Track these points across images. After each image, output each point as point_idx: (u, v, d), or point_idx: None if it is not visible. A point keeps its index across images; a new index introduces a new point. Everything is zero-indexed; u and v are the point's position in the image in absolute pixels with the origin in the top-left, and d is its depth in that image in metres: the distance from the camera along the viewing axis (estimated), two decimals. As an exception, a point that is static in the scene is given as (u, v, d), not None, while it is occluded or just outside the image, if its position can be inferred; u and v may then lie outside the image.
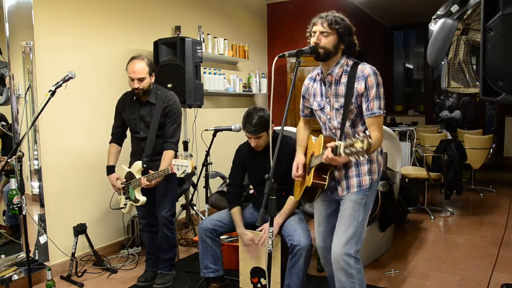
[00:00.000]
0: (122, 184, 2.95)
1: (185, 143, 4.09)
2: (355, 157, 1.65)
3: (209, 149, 3.21)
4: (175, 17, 4.39)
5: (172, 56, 3.87)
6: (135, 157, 2.95)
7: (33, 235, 3.05)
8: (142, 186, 2.79)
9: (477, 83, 2.78)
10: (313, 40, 2.00)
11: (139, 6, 3.97)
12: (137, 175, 2.86)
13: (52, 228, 3.19)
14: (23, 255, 2.98)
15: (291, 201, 2.62)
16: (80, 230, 3.28)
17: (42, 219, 3.11)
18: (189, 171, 2.59)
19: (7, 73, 2.96)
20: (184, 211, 4.25)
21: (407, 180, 5.15)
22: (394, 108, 9.21)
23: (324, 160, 1.85)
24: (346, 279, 2.03)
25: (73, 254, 3.21)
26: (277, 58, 1.87)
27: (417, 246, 3.80)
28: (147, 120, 2.87)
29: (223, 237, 3.16)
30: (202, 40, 4.49)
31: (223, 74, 4.98)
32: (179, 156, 2.63)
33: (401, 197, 3.98)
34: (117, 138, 3.03)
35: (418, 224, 4.48)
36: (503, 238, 3.56)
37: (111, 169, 2.98)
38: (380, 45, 8.49)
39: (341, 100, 2.03)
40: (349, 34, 2.01)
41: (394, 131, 5.57)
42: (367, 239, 2.12)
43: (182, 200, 4.06)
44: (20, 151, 2.79)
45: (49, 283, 2.80)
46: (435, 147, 5.12)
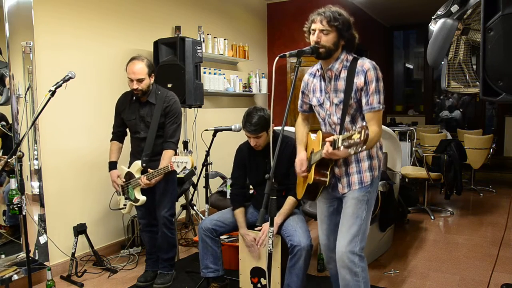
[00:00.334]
0: (122, 182, 2.94)
1: (185, 143, 4.09)
2: (354, 149, 1.63)
3: (209, 149, 3.21)
4: (175, 17, 4.39)
5: (172, 56, 3.86)
6: (135, 157, 2.94)
7: (33, 235, 3.05)
8: (142, 185, 2.79)
9: (477, 83, 2.78)
10: (312, 38, 1.98)
11: (139, 6, 3.97)
12: (136, 175, 2.85)
13: (52, 228, 3.19)
14: (23, 255, 2.98)
15: (290, 201, 2.62)
16: (80, 230, 3.28)
17: (42, 219, 3.11)
18: (189, 167, 2.58)
19: (7, 73, 2.96)
20: (184, 211, 4.25)
21: (407, 180, 5.15)
22: (394, 108, 9.21)
23: (323, 155, 1.85)
24: (350, 277, 2.02)
25: (73, 254, 3.21)
26: (278, 58, 1.87)
27: (417, 246, 3.80)
28: (147, 120, 2.87)
29: (223, 237, 3.16)
30: (202, 40, 4.49)
31: (223, 74, 4.98)
32: (179, 153, 2.62)
33: (401, 197, 3.98)
34: (118, 136, 3.04)
35: (418, 224, 4.48)
36: (503, 238, 3.56)
37: (113, 165, 2.98)
38: (380, 45, 8.49)
39: (341, 95, 2.02)
40: (348, 28, 2.00)
41: (394, 131, 5.57)
42: (367, 239, 2.11)
43: (182, 200, 4.06)
44: (20, 151, 2.79)
45: (49, 283, 2.79)
46: (435, 147, 5.12)
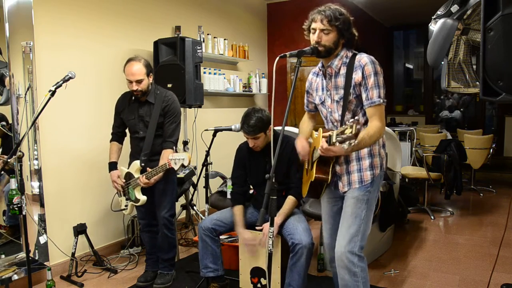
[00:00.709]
0: (122, 183, 2.94)
1: (185, 143, 4.09)
2: (346, 144, 1.63)
3: (209, 149, 3.21)
4: (175, 17, 4.39)
5: (172, 56, 3.87)
6: (134, 157, 2.94)
7: (33, 235, 3.05)
8: (141, 184, 2.79)
9: (477, 83, 2.78)
10: (313, 38, 1.98)
11: (139, 6, 3.97)
12: (135, 175, 2.85)
13: (52, 228, 3.19)
14: (23, 255, 2.98)
15: (290, 201, 2.62)
16: (80, 230, 3.28)
17: (42, 219, 3.11)
18: (186, 163, 2.58)
19: (7, 73, 2.96)
20: (184, 211, 4.25)
21: (407, 180, 5.15)
22: (394, 108, 9.21)
23: (319, 151, 1.85)
24: (349, 278, 2.01)
25: (73, 254, 3.21)
26: (278, 58, 1.86)
27: (417, 246, 3.80)
28: (146, 119, 2.87)
29: (223, 237, 3.16)
30: (202, 40, 4.49)
31: (223, 74, 4.98)
32: (179, 150, 2.63)
33: (401, 197, 3.98)
34: (118, 136, 3.04)
35: (418, 224, 4.48)
36: (503, 238, 3.55)
37: (113, 166, 2.98)
38: (380, 45, 8.49)
39: (341, 91, 2.02)
40: (348, 27, 1.99)
41: (394, 131, 5.57)
42: (367, 239, 2.11)
43: (182, 200, 4.06)
44: (20, 151, 2.79)
45: (49, 283, 2.80)
46: (435, 147, 5.12)
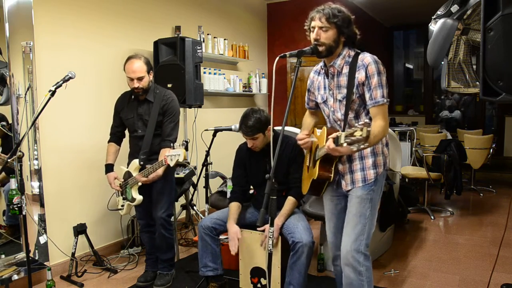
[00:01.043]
0: (120, 184, 2.94)
1: (185, 143, 4.09)
2: (356, 146, 1.63)
3: (209, 149, 3.21)
4: (175, 17, 4.39)
5: (172, 56, 3.87)
6: (133, 157, 2.94)
7: (33, 235, 3.05)
8: (139, 182, 2.79)
9: (477, 83, 2.78)
10: (312, 36, 1.98)
11: (139, 6, 3.97)
12: (134, 174, 2.85)
13: (52, 228, 3.19)
14: (23, 255, 2.98)
15: (290, 201, 2.62)
16: (80, 230, 3.28)
17: (42, 219, 3.11)
18: (181, 159, 2.58)
19: (7, 73, 2.96)
20: (184, 211, 4.25)
21: (407, 180, 5.15)
22: (394, 108, 9.21)
23: (326, 150, 1.85)
24: (354, 276, 2.03)
25: (73, 254, 3.21)
26: (278, 58, 1.86)
27: (417, 246, 3.80)
28: (145, 118, 2.86)
29: (223, 236, 3.16)
30: (202, 40, 4.49)
31: (223, 74, 4.98)
32: (176, 146, 2.64)
33: (401, 197, 3.98)
34: (116, 137, 3.03)
35: (418, 224, 4.48)
36: (503, 238, 3.55)
37: (109, 168, 2.97)
38: (380, 45, 8.49)
39: (344, 91, 2.02)
40: (348, 25, 1.99)
41: (394, 131, 5.57)
42: (367, 239, 2.12)
43: (182, 200, 4.06)
44: (20, 151, 2.79)
45: (49, 283, 2.80)
46: (435, 147, 5.12)
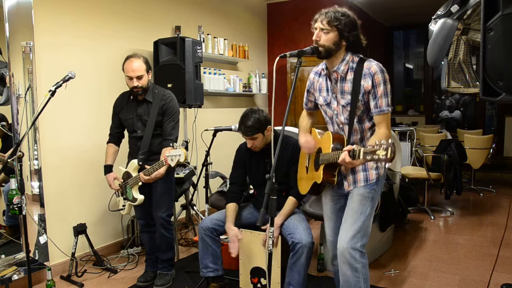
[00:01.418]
0: (119, 185, 2.94)
1: (185, 143, 4.09)
2: (376, 164, 1.65)
3: (209, 149, 3.21)
4: (175, 17, 4.39)
5: (172, 56, 3.87)
6: (132, 157, 2.93)
7: (33, 235, 3.05)
8: (141, 182, 2.79)
9: (477, 83, 2.78)
10: (313, 37, 1.99)
11: (139, 6, 3.97)
12: (133, 174, 2.85)
13: (52, 228, 3.19)
14: (23, 255, 2.98)
15: (290, 201, 2.62)
16: (80, 230, 3.28)
17: (42, 219, 3.11)
18: (182, 159, 2.58)
19: (7, 73, 2.96)
20: (184, 211, 4.25)
21: (407, 180, 5.15)
22: (394, 108, 9.21)
23: (340, 162, 1.85)
24: (351, 273, 2.03)
25: (73, 254, 3.21)
26: (278, 58, 1.86)
27: (417, 246, 3.80)
28: (144, 118, 2.86)
29: (223, 237, 3.16)
30: (202, 40, 4.49)
31: (223, 74, 4.98)
32: (176, 146, 2.63)
33: (401, 197, 3.98)
34: (115, 138, 3.03)
35: (418, 224, 4.48)
36: (503, 238, 3.56)
37: (108, 169, 2.97)
38: (380, 45, 8.49)
39: (348, 97, 2.02)
40: (350, 30, 1.98)
41: (394, 131, 5.57)
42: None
43: (182, 200, 4.06)
44: (20, 151, 2.79)
45: (49, 283, 2.80)
46: (435, 147, 5.12)
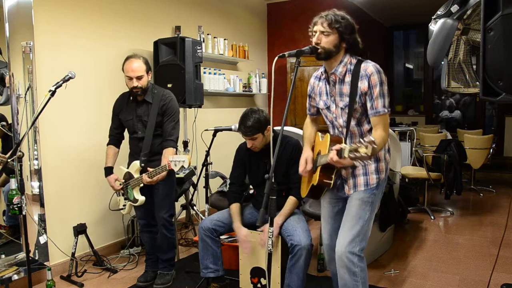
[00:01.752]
0: (120, 185, 2.94)
1: (185, 143, 4.09)
2: (359, 162, 1.67)
3: (209, 149, 3.21)
4: (175, 17, 4.39)
5: (172, 56, 3.87)
6: (133, 157, 2.94)
7: (33, 235, 3.05)
8: (143, 184, 2.79)
9: (477, 83, 2.78)
10: (314, 40, 1.99)
11: (139, 6, 3.97)
12: (135, 175, 2.85)
13: (52, 228, 3.19)
14: (23, 255, 2.98)
15: (291, 201, 2.62)
16: (80, 230, 3.28)
17: (42, 219, 3.11)
18: (186, 165, 2.58)
19: (7, 73, 2.96)
20: (184, 211, 4.25)
21: (407, 180, 5.15)
22: (394, 108, 9.21)
23: (329, 161, 1.85)
24: (349, 277, 2.03)
25: (73, 254, 3.21)
26: (277, 58, 1.87)
27: (417, 246, 3.80)
28: (144, 119, 2.86)
29: (223, 237, 3.16)
30: (202, 40, 4.49)
31: (223, 74, 4.98)
32: (179, 152, 2.62)
33: (401, 197, 3.98)
34: (115, 139, 3.03)
35: (418, 224, 4.48)
36: (503, 238, 3.56)
37: (109, 170, 2.97)
38: (380, 45, 8.49)
39: (346, 99, 2.02)
40: (350, 32, 1.99)
41: (394, 131, 5.57)
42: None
43: (182, 200, 4.06)
44: (20, 151, 2.79)
45: (49, 283, 2.79)
46: (435, 147, 5.12)
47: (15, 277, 2.92)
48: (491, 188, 5.96)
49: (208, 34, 4.70)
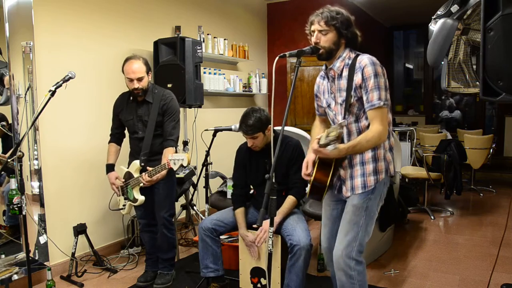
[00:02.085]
0: (121, 183, 2.94)
1: (185, 143, 4.09)
2: (332, 146, 1.70)
3: (209, 149, 3.21)
4: (175, 17, 4.39)
5: (172, 56, 3.87)
6: (134, 157, 2.94)
7: (33, 235, 3.05)
8: (143, 183, 2.79)
9: (477, 83, 2.78)
10: (313, 39, 1.98)
11: (139, 6, 3.97)
12: (135, 175, 2.85)
13: (52, 228, 3.19)
14: (23, 255, 2.98)
15: (289, 200, 2.62)
16: (80, 230, 3.28)
17: (42, 219, 3.11)
18: (185, 164, 2.58)
19: (7, 73, 2.96)
20: (184, 211, 4.25)
21: (407, 180, 5.15)
22: (394, 108, 9.20)
23: (312, 151, 1.85)
24: (346, 280, 2.03)
25: (73, 254, 3.21)
26: (277, 58, 1.86)
27: (417, 246, 3.80)
28: (144, 119, 2.86)
29: (223, 237, 3.16)
30: (202, 40, 4.49)
31: (223, 74, 4.98)
32: (178, 151, 2.62)
33: (401, 197, 3.97)
34: (116, 138, 3.03)
35: (418, 224, 4.48)
36: (503, 238, 3.55)
37: (110, 167, 2.97)
38: (380, 45, 8.49)
39: (344, 94, 2.00)
40: (347, 27, 1.97)
41: (394, 131, 5.56)
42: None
43: (182, 200, 4.06)
44: (20, 151, 2.79)
45: (49, 283, 2.79)
46: (435, 147, 5.12)
47: (15, 277, 2.92)
48: (491, 188, 5.96)
49: (208, 34, 4.70)
